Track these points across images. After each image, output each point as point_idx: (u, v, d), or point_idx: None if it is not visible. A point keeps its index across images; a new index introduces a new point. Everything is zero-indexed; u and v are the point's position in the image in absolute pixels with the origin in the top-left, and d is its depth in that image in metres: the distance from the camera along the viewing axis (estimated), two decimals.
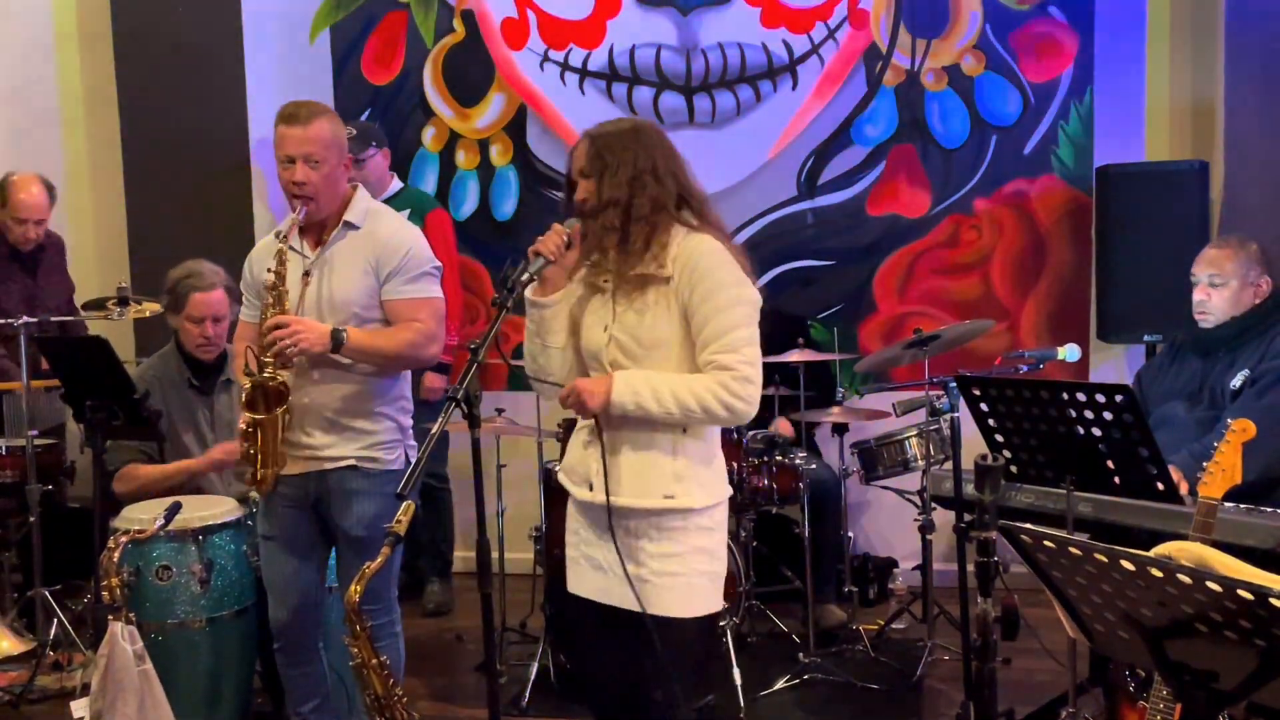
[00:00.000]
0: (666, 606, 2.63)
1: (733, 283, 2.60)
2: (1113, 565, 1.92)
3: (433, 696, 4.27)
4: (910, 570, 4.97)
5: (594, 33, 5.47)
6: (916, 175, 5.27)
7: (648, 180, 2.61)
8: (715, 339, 2.58)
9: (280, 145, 3.20)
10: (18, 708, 4.15)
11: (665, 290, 2.62)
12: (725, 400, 2.56)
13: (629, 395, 2.56)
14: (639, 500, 2.63)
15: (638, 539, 2.64)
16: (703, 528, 2.66)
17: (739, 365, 2.57)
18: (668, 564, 2.63)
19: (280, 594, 3.35)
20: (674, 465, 2.63)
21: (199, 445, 3.96)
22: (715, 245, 2.62)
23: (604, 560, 2.69)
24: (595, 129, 2.71)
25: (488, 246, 5.66)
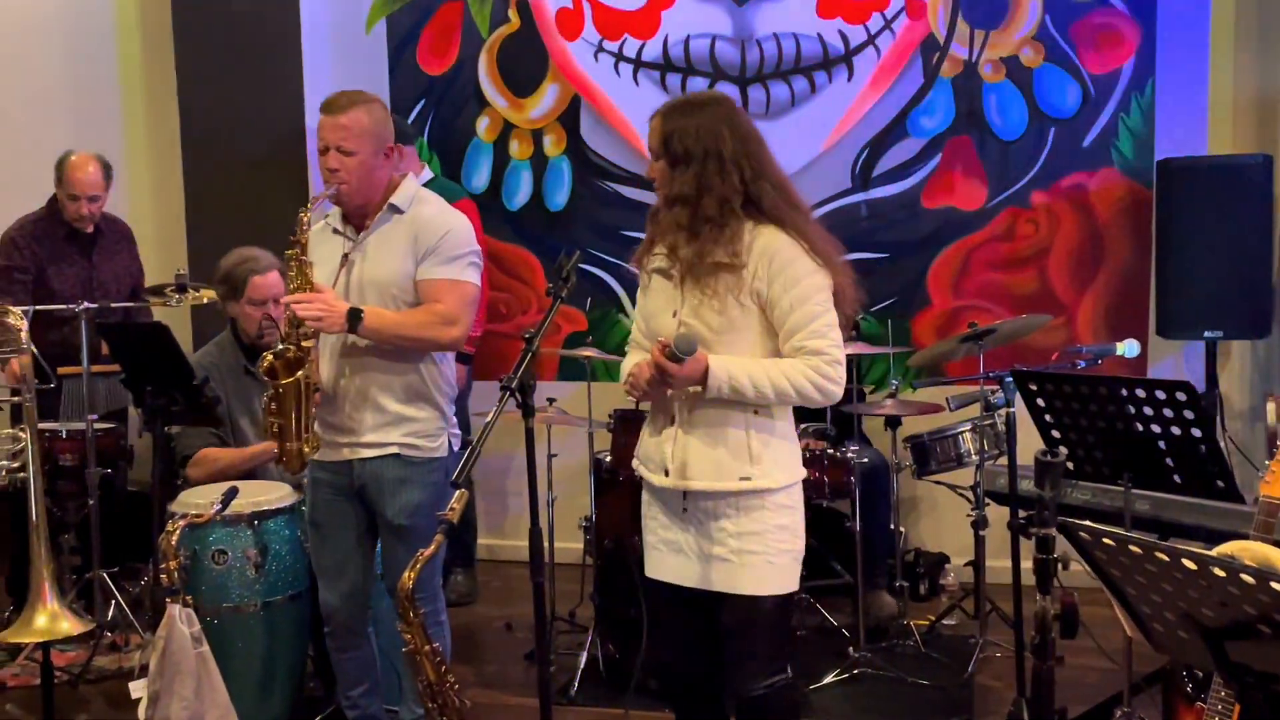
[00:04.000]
0: (747, 585, 2.66)
1: (810, 271, 2.65)
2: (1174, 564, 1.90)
3: (481, 684, 4.30)
4: (962, 566, 4.93)
5: (648, 23, 5.46)
6: (973, 168, 5.21)
7: (714, 180, 2.62)
8: (803, 326, 2.64)
9: (318, 133, 3.24)
10: (76, 687, 4.23)
11: (738, 278, 2.65)
12: (818, 383, 2.63)
13: (724, 379, 2.60)
14: (716, 483, 2.67)
15: (717, 519, 2.69)
16: (782, 505, 2.71)
17: (829, 349, 2.65)
18: (747, 542, 2.66)
19: (329, 579, 3.39)
20: (749, 448, 2.68)
21: (255, 430, 4.00)
22: (787, 239, 2.65)
23: (683, 543, 2.73)
24: (668, 107, 2.73)
25: (540, 237, 5.67)
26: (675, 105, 2.73)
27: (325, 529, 3.36)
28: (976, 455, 4.35)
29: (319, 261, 3.20)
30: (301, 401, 3.14)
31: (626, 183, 5.55)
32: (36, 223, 4.98)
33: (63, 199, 4.94)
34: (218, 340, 4.16)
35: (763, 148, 2.71)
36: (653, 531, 2.83)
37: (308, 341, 3.13)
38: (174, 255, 5.62)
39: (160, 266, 5.58)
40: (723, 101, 2.75)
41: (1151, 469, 3.09)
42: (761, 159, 2.69)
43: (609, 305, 5.63)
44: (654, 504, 2.83)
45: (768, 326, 2.68)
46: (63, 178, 4.91)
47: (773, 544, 2.68)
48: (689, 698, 2.88)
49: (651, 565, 2.83)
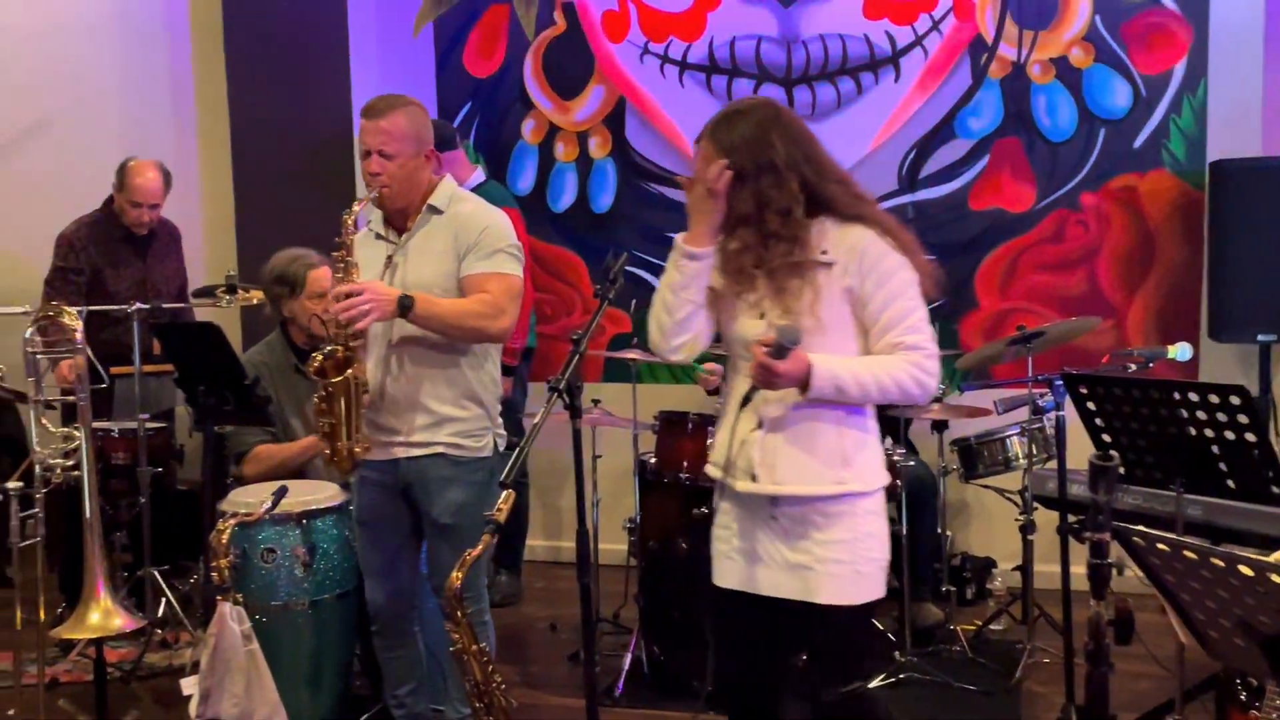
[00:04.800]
0: (831, 595, 2.57)
1: (901, 266, 2.57)
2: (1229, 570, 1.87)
3: (526, 684, 4.31)
4: (1010, 571, 4.89)
5: (694, 25, 5.46)
6: (1021, 169, 5.17)
7: (771, 193, 2.54)
8: (898, 322, 2.55)
9: (359, 137, 3.27)
10: (128, 684, 4.28)
11: (828, 275, 2.55)
12: (919, 378, 2.54)
13: (828, 379, 2.50)
14: (809, 487, 2.57)
15: (804, 525, 2.58)
16: (870, 512, 2.61)
17: (926, 344, 2.57)
18: (835, 550, 2.57)
19: (377, 577, 3.42)
20: (841, 448, 2.59)
21: (305, 430, 4.02)
22: (873, 234, 2.56)
23: (763, 551, 2.63)
24: (712, 128, 2.62)
25: (585, 239, 5.69)
26: (718, 121, 2.63)
27: (372, 528, 3.39)
28: (1025, 459, 4.32)
29: (364, 266, 3.23)
30: (351, 400, 3.17)
31: (672, 185, 5.55)
32: (93, 225, 5.04)
33: (123, 204, 5.00)
34: (267, 340, 4.19)
35: (817, 146, 2.62)
36: (726, 540, 2.71)
37: (356, 341, 3.16)
38: (224, 257, 5.68)
39: (210, 268, 5.65)
40: (766, 106, 2.65)
41: (1204, 474, 3.05)
42: (819, 160, 2.60)
43: None
44: (731, 510, 2.70)
45: (857, 325, 2.59)
46: (124, 184, 4.97)
47: (861, 553, 2.58)
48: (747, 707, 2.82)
49: (724, 574, 2.72)
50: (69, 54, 6.14)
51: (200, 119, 6.07)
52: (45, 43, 6.16)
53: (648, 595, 4.26)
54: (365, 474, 3.34)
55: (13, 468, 5.40)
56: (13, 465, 5.50)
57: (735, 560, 2.68)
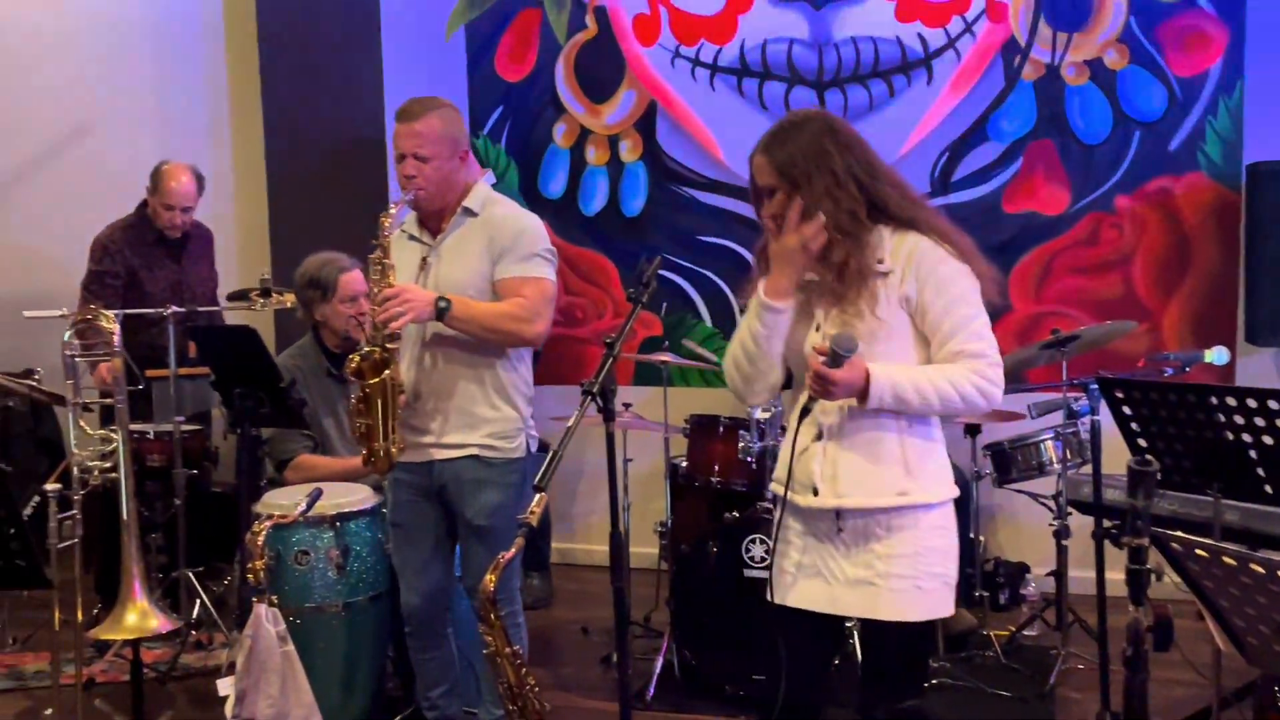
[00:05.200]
0: (891, 611, 2.53)
1: (960, 274, 2.53)
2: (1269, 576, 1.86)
3: (558, 687, 4.31)
4: (1043, 576, 4.86)
5: (725, 28, 5.46)
6: (1055, 172, 5.14)
7: (839, 195, 2.51)
8: (960, 330, 2.50)
9: (394, 141, 3.29)
10: (164, 684, 4.31)
11: (885, 283, 2.52)
12: (983, 387, 2.49)
13: (888, 388, 2.46)
14: (870, 499, 2.53)
15: (866, 541, 2.54)
16: (935, 526, 2.56)
17: (989, 351, 2.53)
18: (897, 565, 2.52)
19: (410, 579, 3.43)
20: (904, 459, 2.54)
21: (338, 432, 4.05)
22: (930, 242, 2.53)
23: (825, 567, 2.58)
24: (768, 140, 2.60)
25: (616, 242, 5.70)
26: (773, 136, 2.60)
27: (406, 529, 3.41)
28: (1059, 463, 4.29)
29: (398, 268, 3.25)
30: (387, 403, 3.18)
31: (702, 188, 5.56)
32: (127, 228, 5.09)
33: (156, 207, 5.04)
34: (300, 344, 4.22)
35: (871, 153, 2.60)
36: (786, 555, 2.65)
37: (393, 343, 3.17)
38: (257, 260, 5.72)
39: (244, 271, 5.69)
40: (818, 117, 2.64)
41: (1241, 479, 3.01)
42: (873, 165, 2.58)
43: (684, 310, 5.64)
44: (794, 525, 2.65)
45: (916, 334, 2.55)
46: (158, 187, 5.01)
47: (922, 567, 2.53)
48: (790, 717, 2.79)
49: (783, 590, 2.65)
50: (106, 59, 6.20)
51: (234, 123, 6.12)
52: (83, 48, 6.22)
53: (679, 599, 4.25)
54: (399, 476, 3.36)
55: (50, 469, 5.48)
56: (50, 467, 5.57)
57: (794, 576, 2.63)
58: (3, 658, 4.51)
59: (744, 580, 3.98)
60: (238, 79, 6.06)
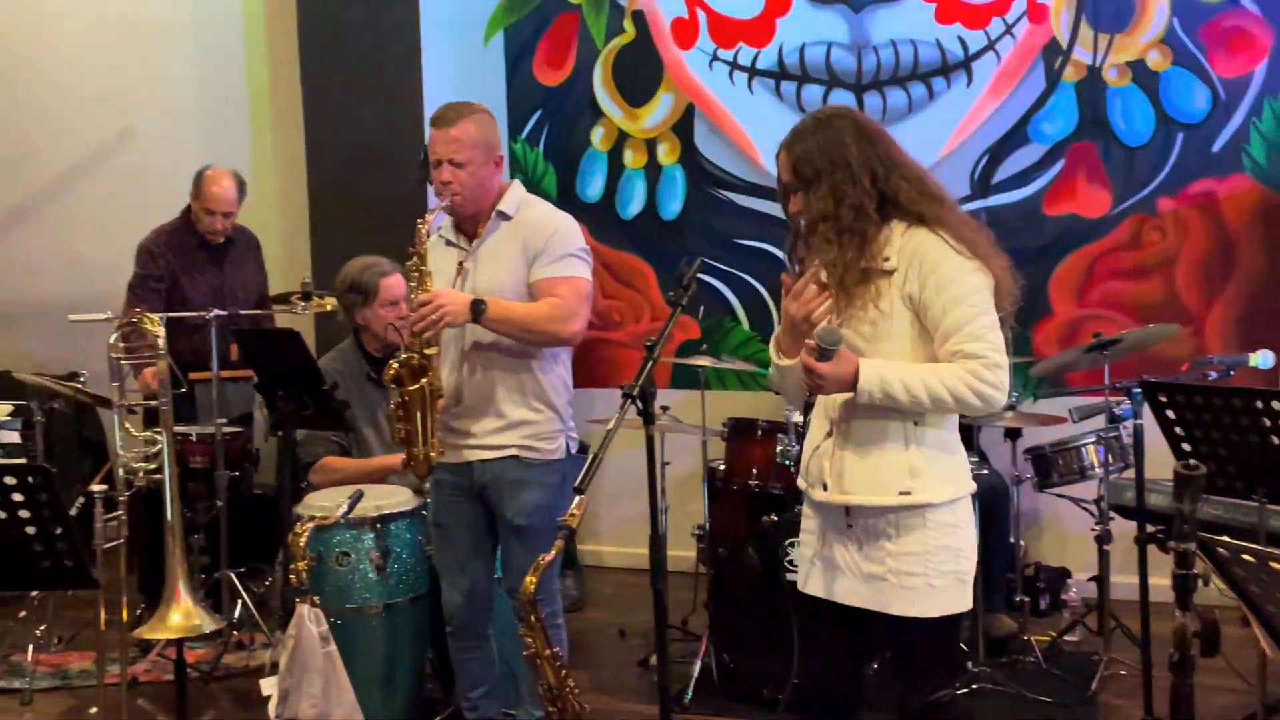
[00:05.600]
0: (902, 607, 2.56)
1: (964, 271, 2.52)
2: None
3: (596, 689, 4.32)
4: (1085, 581, 4.82)
5: (764, 31, 5.45)
6: (1097, 174, 5.10)
7: (846, 189, 2.54)
8: (957, 329, 2.50)
9: (430, 147, 3.31)
10: (207, 684, 4.35)
11: (889, 282, 2.55)
12: (977, 388, 2.48)
13: (876, 383, 2.48)
14: (873, 497, 2.56)
15: (876, 537, 2.57)
16: (945, 524, 2.56)
17: (987, 352, 2.49)
18: (907, 563, 2.54)
19: (452, 578, 3.45)
20: (909, 458, 2.55)
21: (377, 435, 4.08)
22: (935, 238, 2.54)
23: (840, 559, 2.63)
24: (790, 138, 2.64)
25: (654, 246, 5.70)
26: (796, 132, 2.64)
27: (448, 529, 3.43)
28: (1100, 468, 4.26)
29: (436, 273, 3.26)
30: (426, 407, 3.21)
31: (741, 191, 5.55)
32: (171, 233, 5.13)
33: (198, 212, 5.09)
34: (340, 348, 4.25)
35: (892, 144, 2.62)
36: (809, 546, 2.72)
37: (431, 349, 3.20)
38: (298, 264, 5.76)
39: (285, 275, 5.73)
40: (842, 113, 2.66)
41: None
42: (892, 155, 2.60)
43: (722, 313, 5.63)
44: (813, 518, 2.72)
45: (923, 332, 2.56)
46: (200, 192, 5.06)
47: (934, 565, 2.55)
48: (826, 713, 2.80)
49: (805, 579, 2.73)
50: (149, 66, 6.27)
51: (275, 128, 6.17)
52: (126, 55, 6.30)
53: (717, 602, 4.25)
54: (441, 476, 3.38)
55: (93, 470, 5.55)
56: (93, 468, 5.65)
57: (816, 566, 2.69)
58: (48, 657, 4.56)
59: (782, 583, 3.97)
60: (279, 84, 6.12)
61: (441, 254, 3.37)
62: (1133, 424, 3.69)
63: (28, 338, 6.41)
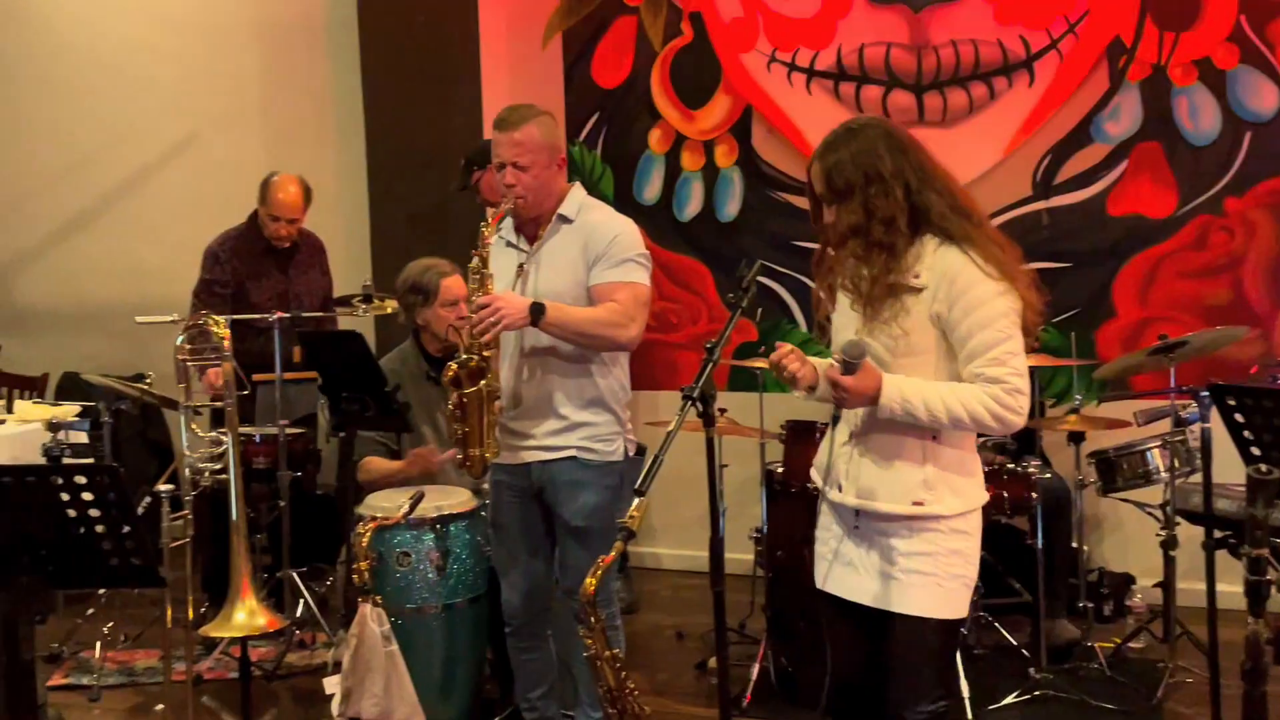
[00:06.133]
0: (912, 605, 2.59)
1: (993, 294, 2.53)
2: None
3: (653, 692, 4.31)
4: (1150, 587, 4.75)
5: (823, 32, 5.43)
6: (1162, 174, 5.02)
7: (878, 202, 2.54)
8: (982, 352, 2.52)
9: (493, 150, 3.32)
10: (269, 682, 4.41)
11: (917, 299, 2.56)
12: (996, 412, 2.51)
13: (897, 400, 2.52)
14: (887, 505, 2.61)
15: (888, 537, 2.62)
16: (956, 530, 2.62)
17: (1009, 378, 2.51)
18: (918, 563, 2.59)
19: (511, 579, 3.47)
20: (924, 472, 2.60)
21: (436, 435, 4.11)
22: (966, 259, 2.54)
23: (852, 557, 2.68)
24: (822, 149, 2.64)
25: (710, 247, 5.70)
26: (828, 143, 2.64)
27: (507, 530, 3.45)
28: (1166, 472, 4.19)
29: (496, 274, 3.28)
30: (483, 409, 3.23)
31: (798, 193, 5.52)
32: (237, 238, 5.19)
33: (264, 217, 5.14)
34: (400, 349, 4.28)
35: (926, 156, 2.61)
36: (825, 543, 2.78)
37: (489, 351, 3.21)
38: (359, 267, 5.82)
39: (346, 278, 5.79)
40: (874, 123, 2.66)
41: None
42: (925, 167, 2.59)
43: (779, 315, 5.62)
44: (828, 514, 2.78)
45: (948, 350, 2.58)
46: (266, 198, 5.11)
47: (944, 567, 2.59)
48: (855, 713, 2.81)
49: (821, 576, 2.79)
50: (212, 71, 6.37)
51: (336, 132, 6.24)
52: (189, 61, 6.40)
53: (775, 605, 4.24)
54: (500, 477, 3.40)
55: (159, 471, 5.63)
56: (159, 468, 5.73)
57: (829, 562, 2.75)
58: (115, 654, 4.63)
59: None
60: (340, 89, 6.18)
61: (502, 256, 3.38)
62: (1200, 428, 3.63)
63: (94, 340, 6.53)
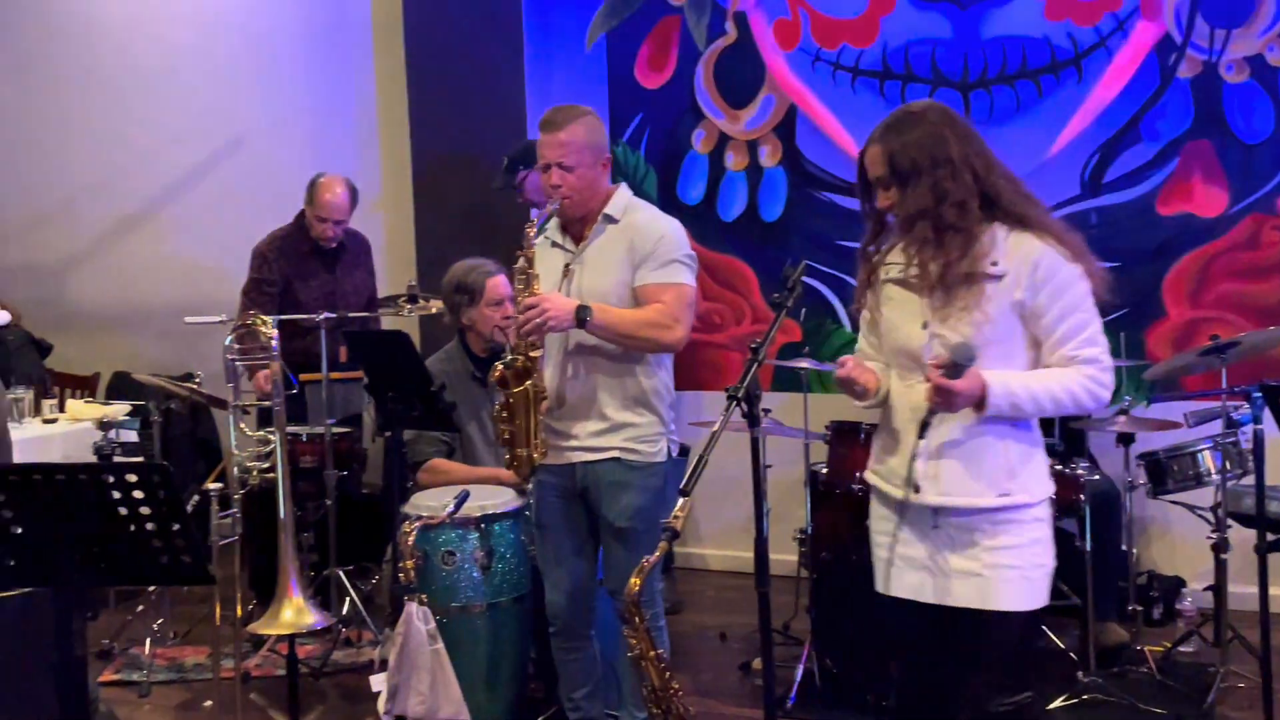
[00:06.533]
0: (1000, 601, 2.56)
1: (1075, 277, 2.54)
2: None
3: (697, 693, 4.30)
4: (1200, 591, 4.69)
5: (867, 31, 5.40)
6: (1213, 172, 4.96)
7: (948, 185, 2.53)
8: (1074, 335, 2.53)
9: (538, 150, 3.32)
10: (316, 679, 4.44)
11: (997, 287, 2.54)
12: (1094, 392, 2.53)
13: (1004, 397, 2.50)
14: (973, 499, 2.57)
15: (970, 533, 2.58)
16: (1037, 519, 2.60)
17: (1102, 357, 2.55)
18: (1003, 556, 2.56)
19: (555, 579, 3.47)
20: (1007, 460, 2.57)
21: (482, 435, 4.12)
22: (1044, 244, 2.54)
23: (925, 559, 2.63)
24: (883, 131, 2.63)
25: (755, 248, 5.68)
26: (889, 125, 2.63)
27: (550, 530, 3.45)
28: (1217, 474, 4.13)
29: (542, 275, 3.29)
30: (530, 409, 3.23)
31: (843, 192, 5.50)
32: (285, 238, 5.24)
33: (311, 219, 5.18)
34: (446, 349, 4.30)
35: (987, 147, 2.62)
36: (887, 547, 2.72)
37: (535, 351, 3.22)
38: (404, 268, 5.86)
39: (391, 279, 5.83)
40: (936, 108, 2.66)
41: None
42: (988, 155, 2.60)
43: (824, 316, 5.59)
44: (891, 518, 2.72)
45: (1028, 337, 2.57)
46: (313, 199, 5.15)
47: (1029, 558, 2.58)
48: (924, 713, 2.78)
49: (885, 580, 2.74)
50: (259, 74, 6.43)
51: (382, 133, 6.28)
52: (237, 63, 6.46)
53: (820, 607, 4.22)
54: (544, 477, 3.40)
55: (207, 469, 5.69)
56: (207, 467, 5.79)
57: (898, 567, 2.69)
58: (165, 651, 4.68)
59: None
60: (385, 91, 6.22)
61: (548, 256, 3.38)
62: (1252, 429, 3.58)
63: (143, 339, 6.62)
